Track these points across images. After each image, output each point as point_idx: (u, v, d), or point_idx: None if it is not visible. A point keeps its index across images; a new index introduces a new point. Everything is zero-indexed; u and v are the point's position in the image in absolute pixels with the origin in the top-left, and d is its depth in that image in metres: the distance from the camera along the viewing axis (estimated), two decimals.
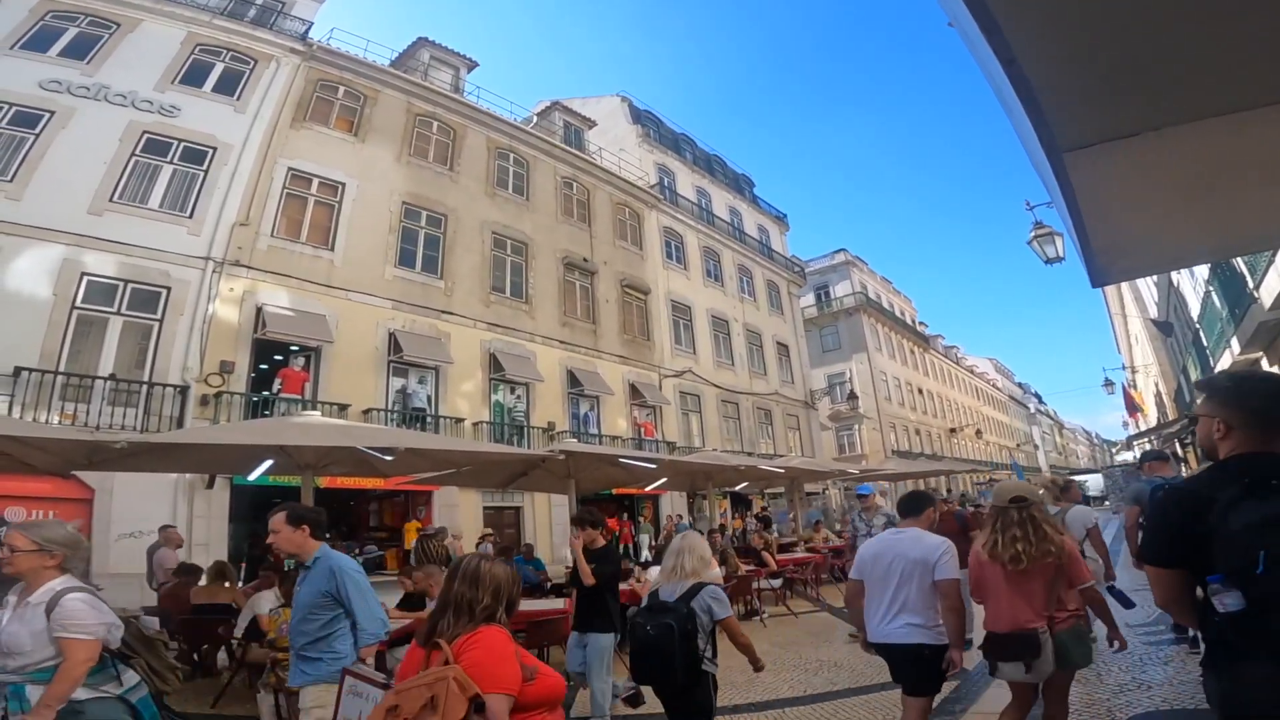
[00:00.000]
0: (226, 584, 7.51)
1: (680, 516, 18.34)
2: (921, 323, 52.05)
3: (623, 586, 8.77)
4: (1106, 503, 28.83)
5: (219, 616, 6.55)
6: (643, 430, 19.97)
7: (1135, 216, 3.25)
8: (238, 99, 14.31)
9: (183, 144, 13.24)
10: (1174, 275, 16.22)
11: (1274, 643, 1.67)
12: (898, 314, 45.79)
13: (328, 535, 3.76)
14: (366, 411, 13.77)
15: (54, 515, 9.71)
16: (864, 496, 8.88)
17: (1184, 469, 25.41)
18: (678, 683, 3.17)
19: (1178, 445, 28.83)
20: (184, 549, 10.98)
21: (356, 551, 11.98)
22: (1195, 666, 5.21)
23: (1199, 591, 1.87)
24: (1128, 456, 47.07)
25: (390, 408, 14.40)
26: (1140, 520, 5.83)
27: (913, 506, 3.98)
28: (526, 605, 7.30)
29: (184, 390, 11.78)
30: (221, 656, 7.15)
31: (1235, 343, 11.04)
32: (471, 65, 20.30)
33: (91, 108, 12.43)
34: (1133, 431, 36.80)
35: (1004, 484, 4.03)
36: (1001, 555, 3.43)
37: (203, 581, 7.70)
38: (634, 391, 20.16)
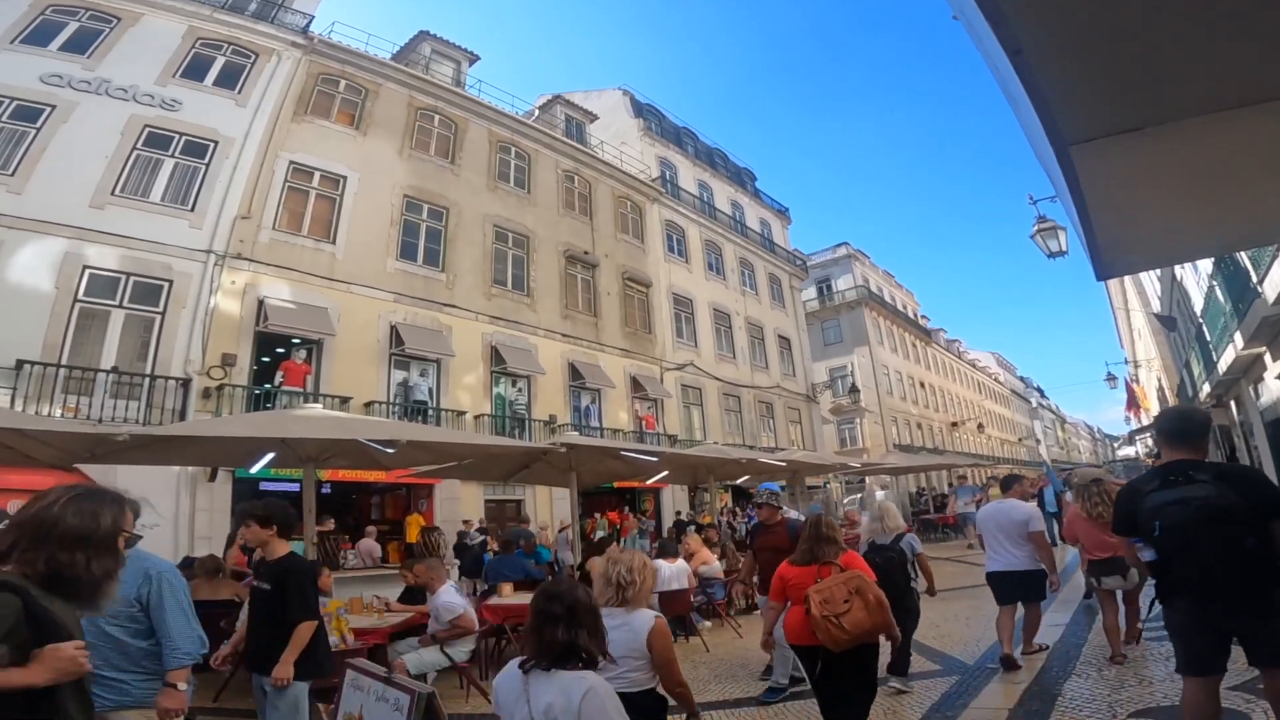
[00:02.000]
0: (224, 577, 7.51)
1: (630, 516, 18.09)
2: (924, 316, 51.96)
3: None
4: None
5: (221, 611, 6.55)
6: (644, 423, 19.97)
7: (1141, 210, 3.23)
8: (239, 93, 14.28)
9: (184, 138, 13.22)
10: (1177, 270, 16.15)
11: (1172, 581, 2.91)
12: (900, 308, 45.71)
13: (330, 525, 3.64)
14: (368, 404, 13.78)
15: None
16: (772, 494, 6.68)
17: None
18: (893, 594, 4.30)
19: None
20: (187, 542, 11.04)
21: (469, 541, 12.04)
22: None
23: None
24: (1129, 451, 47.07)
25: (392, 400, 14.41)
26: None
27: (1009, 485, 6.46)
28: (525, 600, 7.30)
29: (186, 383, 11.80)
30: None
31: (1239, 337, 11.00)
32: (473, 59, 20.24)
33: (93, 102, 12.41)
34: (1134, 426, 36.78)
35: (1084, 469, 7.47)
36: (1093, 513, 5.64)
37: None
38: (635, 384, 20.16)
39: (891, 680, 5.29)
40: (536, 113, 23.09)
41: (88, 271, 11.49)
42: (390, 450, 7.41)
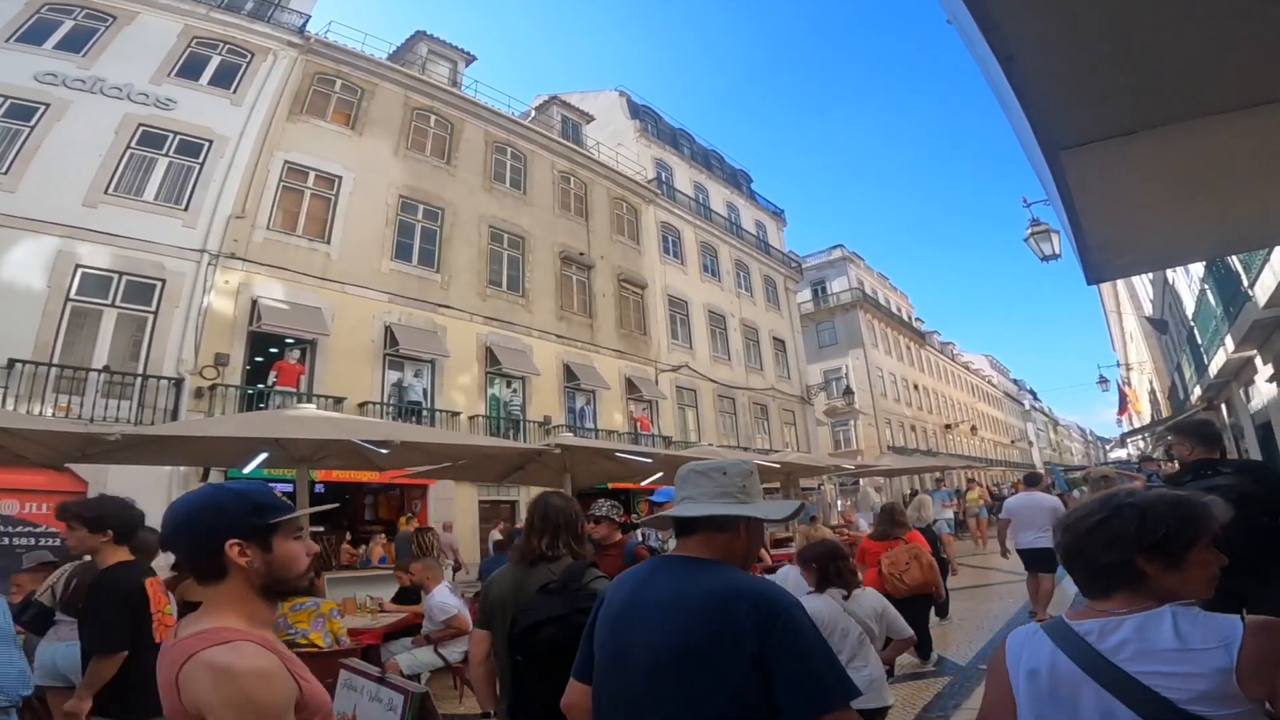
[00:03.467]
0: None
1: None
2: (918, 319, 52.10)
3: None
4: None
5: None
6: (639, 424, 19.98)
7: (1131, 214, 3.26)
8: (234, 92, 14.23)
9: (178, 137, 13.18)
10: (1169, 273, 16.24)
11: None
12: (894, 310, 45.82)
13: (320, 529, 3.47)
14: (362, 404, 13.75)
15: (46, 509, 9.71)
16: (660, 505, 5.79)
17: (1177, 465, 25.41)
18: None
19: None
20: None
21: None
22: None
23: None
24: (1121, 454, 47.24)
25: (386, 401, 14.38)
26: None
27: (1034, 480, 8.56)
28: None
29: (179, 383, 11.75)
30: None
31: (1229, 340, 11.06)
32: (470, 59, 20.23)
33: (87, 100, 12.35)
34: (1126, 429, 36.94)
35: (1098, 468, 9.70)
36: None
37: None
38: (630, 386, 20.16)
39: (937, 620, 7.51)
40: (533, 113, 23.08)
41: (80, 270, 11.44)
42: (384, 451, 7.39)
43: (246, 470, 8.38)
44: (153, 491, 10.80)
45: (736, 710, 1.44)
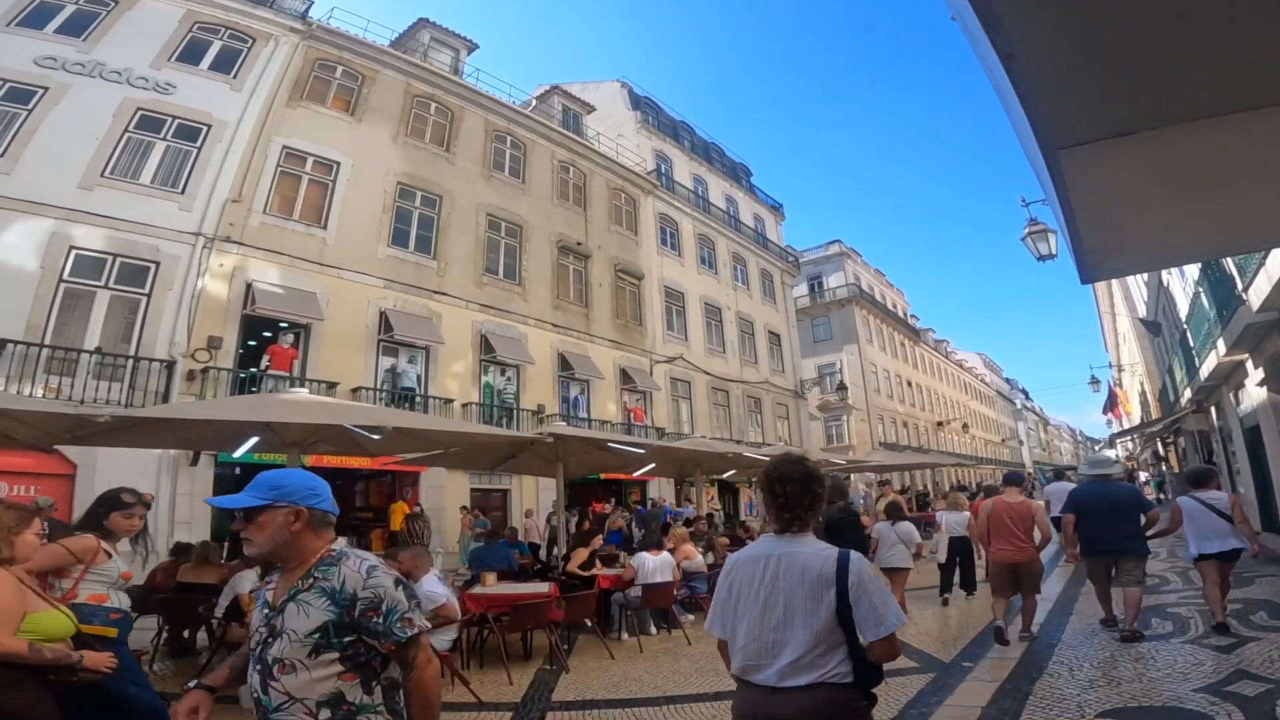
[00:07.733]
0: (219, 564, 7.47)
1: (477, 512, 14.97)
2: (913, 316, 52.20)
3: (612, 571, 8.86)
4: None
5: (200, 596, 6.51)
6: (632, 415, 19.99)
7: (1127, 214, 3.26)
8: (234, 77, 14.13)
9: (177, 121, 13.08)
10: (1164, 275, 16.30)
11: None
12: (890, 306, 45.89)
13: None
14: (355, 390, 13.72)
15: (36, 491, 9.67)
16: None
17: (1163, 466, 25.70)
18: (965, 544, 9.33)
19: (1159, 444, 29.05)
20: (166, 527, 10.95)
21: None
22: (1165, 664, 5.30)
23: None
24: (1110, 454, 47.31)
25: (379, 387, 14.35)
26: None
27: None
28: (511, 589, 7.31)
29: (170, 365, 11.70)
30: (202, 636, 7.12)
31: (1221, 344, 11.12)
32: (472, 47, 20.10)
33: (86, 84, 12.27)
34: (1116, 429, 37.14)
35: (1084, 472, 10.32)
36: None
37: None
38: (624, 376, 20.16)
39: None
40: (534, 103, 22.97)
41: (74, 252, 11.36)
42: (376, 436, 7.40)
43: (237, 454, 8.38)
44: (142, 475, 10.78)
45: (1136, 514, 6.56)
